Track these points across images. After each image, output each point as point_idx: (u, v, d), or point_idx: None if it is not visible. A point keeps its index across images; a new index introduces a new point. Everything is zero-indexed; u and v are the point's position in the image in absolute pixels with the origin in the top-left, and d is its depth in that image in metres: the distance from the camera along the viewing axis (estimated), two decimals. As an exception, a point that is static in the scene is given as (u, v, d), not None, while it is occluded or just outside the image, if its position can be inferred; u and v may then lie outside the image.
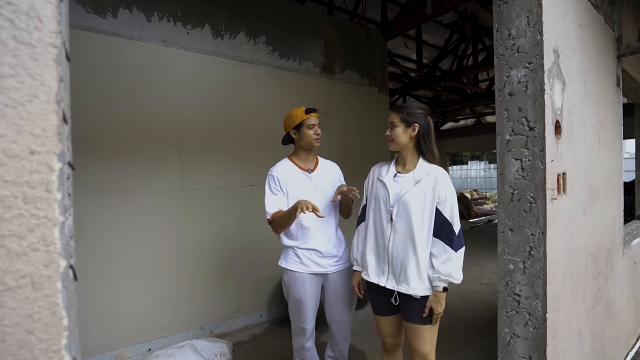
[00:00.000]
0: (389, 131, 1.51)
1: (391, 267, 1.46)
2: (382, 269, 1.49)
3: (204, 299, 2.53)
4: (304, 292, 1.70)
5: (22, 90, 0.38)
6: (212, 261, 2.59)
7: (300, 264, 1.70)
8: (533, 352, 1.43)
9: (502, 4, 1.46)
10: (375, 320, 1.61)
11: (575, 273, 1.62)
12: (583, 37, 1.69)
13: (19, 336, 0.38)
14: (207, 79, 2.51)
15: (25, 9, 0.38)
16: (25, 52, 0.38)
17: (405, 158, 1.51)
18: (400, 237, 1.43)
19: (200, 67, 2.47)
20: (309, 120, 1.70)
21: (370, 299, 1.61)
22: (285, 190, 1.70)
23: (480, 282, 3.78)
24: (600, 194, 1.91)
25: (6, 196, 0.37)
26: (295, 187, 1.70)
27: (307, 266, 1.69)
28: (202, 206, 2.53)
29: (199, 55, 2.46)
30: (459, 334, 2.57)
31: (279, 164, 1.78)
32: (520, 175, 1.44)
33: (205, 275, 2.55)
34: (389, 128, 1.51)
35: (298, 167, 1.75)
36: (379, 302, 1.55)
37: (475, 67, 5.15)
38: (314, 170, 1.77)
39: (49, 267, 0.39)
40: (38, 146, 0.39)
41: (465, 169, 19.07)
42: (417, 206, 1.41)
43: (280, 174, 1.71)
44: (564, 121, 1.50)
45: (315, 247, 1.70)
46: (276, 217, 1.66)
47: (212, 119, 2.54)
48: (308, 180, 1.73)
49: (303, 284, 1.69)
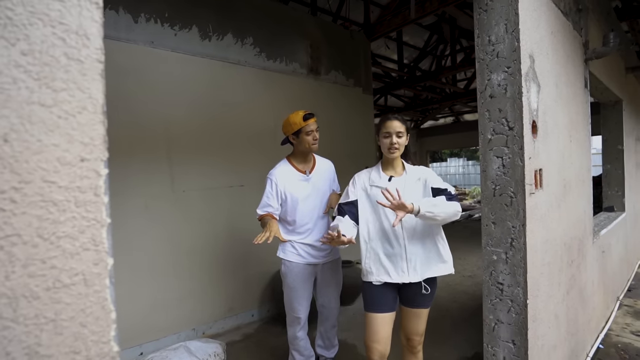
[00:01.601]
0: (395, 139, 1.53)
1: (410, 262, 1.54)
2: (400, 268, 1.54)
3: (195, 300, 2.53)
4: (299, 281, 1.87)
5: (72, 102, 0.41)
6: (203, 262, 2.59)
7: (297, 255, 1.87)
8: (516, 336, 1.53)
9: (482, 11, 1.56)
10: (368, 322, 1.56)
11: (552, 262, 1.75)
12: (555, 43, 1.81)
13: (74, 329, 0.41)
14: (195, 80, 2.50)
15: (75, 28, 0.41)
16: (75, 67, 0.41)
17: (395, 163, 1.62)
18: (415, 233, 1.56)
19: (188, 68, 2.46)
20: (307, 127, 1.80)
21: (369, 298, 1.58)
22: (283, 192, 1.84)
23: (463, 275, 3.94)
24: (572, 188, 2.06)
25: (61, 200, 0.40)
26: (293, 189, 1.84)
27: (303, 257, 1.87)
28: (193, 207, 2.53)
29: (187, 56, 2.45)
30: (447, 324, 2.69)
31: (278, 166, 1.89)
32: (502, 171, 1.54)
33: (196, 277, 2.55)
34: (395, 136, 1.53)
35: (296, 170, 1.87)
36: (380, 299, 1.56)
37: (453, 68, 5.33)
38: (312, 172, 1.90)
39: (99, 265, 0.43)
40: (87, 154, 0.42)
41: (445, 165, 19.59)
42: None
43: (279, 178, 1.84)
44: (540, 121, 1.61)
45: (311, 242, 1.86)
46: (263, 219, 1.86)
47: (200, 120, 2.53)
48: (305, 183, 1.87)
49: (298, 273, 1.87)
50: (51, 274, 0.39)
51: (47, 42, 0.39)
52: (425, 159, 12.21)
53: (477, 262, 4.40)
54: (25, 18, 0.38)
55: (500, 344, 1.58)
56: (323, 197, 1.90)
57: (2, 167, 0.37)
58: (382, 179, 1.58)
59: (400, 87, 6.27)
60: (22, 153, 0.38)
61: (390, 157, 1.57)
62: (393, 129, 1.54)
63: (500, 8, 1.48)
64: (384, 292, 1.57)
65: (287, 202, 1.83)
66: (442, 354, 2.27)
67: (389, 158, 1.58)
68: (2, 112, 0.37)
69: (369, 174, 1.64)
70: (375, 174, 1.62)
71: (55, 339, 0.40)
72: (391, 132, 1.54)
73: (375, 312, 1.56)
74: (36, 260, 0.39)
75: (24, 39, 0.38)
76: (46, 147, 0.39)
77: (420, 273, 1.55)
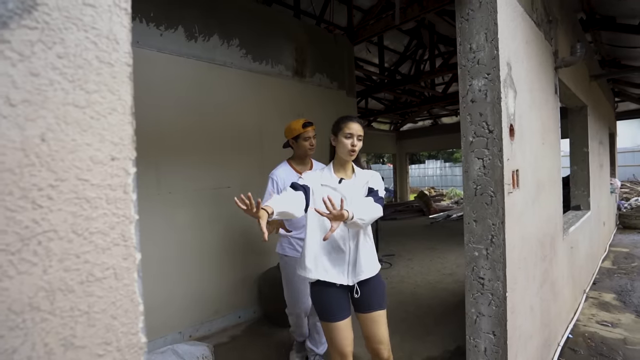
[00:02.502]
0: (356, 142, 1.51)
1: (350, 264, 1.50)
2: (342, 269, 1.49)
3: (182, 303, 2.50)
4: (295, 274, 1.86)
5: (104, 104, 0.43)
6: (190, 264, 2.56)
7: (293, 250, 2.00)
8: (496, 327, 1.63)
9: (464, 21, 1.65)
10: (334, 332, 1.47)
11: (528, 257, 1.86)
12: (529, 52, 1.94)
13: (106, 321, 0.43)
14: (181, 80, 2.48)
15: (106, 33, 0.43)
16: (106, 70, 0.43)
17: (347, 165, 1.58)
18: (354, 234, 1.51)
19: (174, 69, 2.43)
20: (306, 134, 2.00)
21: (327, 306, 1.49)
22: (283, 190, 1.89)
23: (443, 273, 4.08)
24: (545, 188, 2.19)
25: (93, 198, 0.42)
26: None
27: (298, 252, 1.97)
28: (179, 209, 2.49)
29: (173, 57, 2.42)
30: (429, 320, 2.79)
31: (279, 167, 2.06)
32: (482, 172, 1.64)
33: (182, 279, 2.51)
34: (356, 139, 1.51)
35: (295, 171, 2.03)
36: (339, 304, 1.49)
37: (432, 72, 5.51)
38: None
39: (128, 259, 0.45)
40: (117, 153, 0.44)
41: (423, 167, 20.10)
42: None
43: (279, 177, 2.00)
44: (516, 125, 1.72)
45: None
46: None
47: (186, 121, 2.51)
48: None
49: (294, 267, 1.89)
50: (85, 268, 0.41)
51: (81, 46, 0.41)
52: (404, 161, 12.49)
53: (455, 261, 4.57)
54: (61, 22, 0.40)
55: (481, 336, 1.67)
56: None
57: (39, 166, 0.38)
58: (332, 180, 1.54)
59: (381, 90, 6.40)
60: (58, 152, 0.39)
61: (348, 158, 1.54)
62: (355, 131, 1.51)
63: (481, 18, 1.58)
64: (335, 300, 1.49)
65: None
66: (425, 348, 2.35)
67: (344, 160, 1.55)
68: (40, 112, 0.38)
69: (321, 173, 1.59)
70: (327, 173, 1.57)
71: (89, 330, 0.41)
72: (354, 133, 1.50)
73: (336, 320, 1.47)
74: (71, 255, 0.40)
75: (60, 43, 0.40)
76: (80, 146, 0.41)
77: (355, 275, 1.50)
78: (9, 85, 0.36)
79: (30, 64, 0.38)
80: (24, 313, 0.37)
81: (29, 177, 0.37)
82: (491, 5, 1.53)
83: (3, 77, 0.36)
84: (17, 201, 0.37)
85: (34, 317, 0.38)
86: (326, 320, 1.49)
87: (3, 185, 0.36)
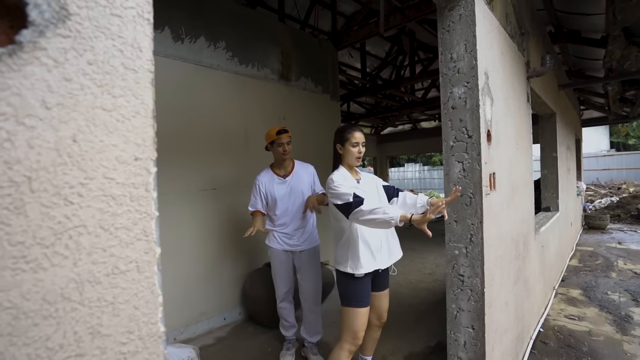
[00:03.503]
0: (362, 149, 1.74)
1: (386, 247, 1.75)
2: (380, 254, 1.70)
3: (167, 305, 2.44)
4: (279, 263, 2.28)
5: (128, 107, 0.46)
6: (175, 267, 2.53)
7: (277, 243, 2.26)
8: (474, 321, 1.72)
9: (446, 32, 1.74)
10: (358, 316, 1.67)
11: (503, 255, 1.98)
12: (504, 62, 2.07)
13: (129, 311, 0.45)
14: (167, 82, 2.45)
15: (131, 41, 0.46)
16: (131, 76, 0.46)
17: (354, 170, 1.82)
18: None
19: (160, 70, 2.40)
20: (279, 140, 2.18)
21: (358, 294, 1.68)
22: (265, 193, 2.24)
23: (423, 273, 4.21)
24: (519, 190, 2.33)
25: (118, 195, 0.45)
26: (272, 190, 2.24)
27: (281, 245, 2.25)
28: (164, 211, 2.46)
29: (159, 58, 2.40)
30: (410, 318, 2.88)
31: (262, 172, 2.31)
32: (462, 175, 1.73)
33: (168, 282, 2.48)
34: (360, 146, 1.73)
35: (275, 174, 2.27)
36: (367, 292, 1.71)
37: (412, 78, 5.67)
38: (289, 175, 2.26)
39: (149, 253, 0.48)
40: (140, 153, 0.47)
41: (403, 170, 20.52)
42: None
43: (262, 182, 2.26)
44: (493, 130, 1.83)
45: (288, 232, 2.25)
46: (253, 214, 2.25)
47: (172, 123, 2.48)
48: (283, 185, 2.24)
49: (278, 257, 2.27)
50: (110, 261, 0.44)
51: (109, 53, 0.44)
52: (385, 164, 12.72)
53: (435, 261, 4.72)
54: (91, 31, 0.43)
55: (461, 330, 1.76)
56: (302, 196, 2.25)
57: (71, 165, 0.41)
58: (353, 181, 1.74)
59: (363, 94, 6.52)
60: (88, 152, 0.42)
61: (356, 164, 1.76)
62: (360, 139, 1.73)
63: (461, 30, 1.68)
64: (364, 286, 1.70)
65: (269, 200, 2.25)
66: (408, 345, 2.43)
67: (352, 165, 1.77)
68: (72, 115, 0.41)
69: (342, 176, 1.73)
70: (347, 176, 1.75)
71: (114, 320, 0.44)
72: (359, 142, 1.72)
73: (364, 306, 1.70)
74: (98, 249, 0.43)
75: (90, 50, 0.42)
76: (107, 147, 0.44)
77: (392, 258, 1.79)
78: (45, 89, 0.39)
79: (64, 70, 0.40)
80: (56, 303, 0.40)
81: (61, 175, 0.40)
82: (470, 19, 1.63)
83: (40, 82, 0.39)
84: (51, 198, 0.39)
85: (65, 306, 0.40)
86: (354, 306, 1.68)
87: (38, 183, 0.38)
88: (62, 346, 0.40)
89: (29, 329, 0.37)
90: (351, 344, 1.69)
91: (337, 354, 1.71)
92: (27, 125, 0.38)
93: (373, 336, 1.94)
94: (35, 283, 0.38)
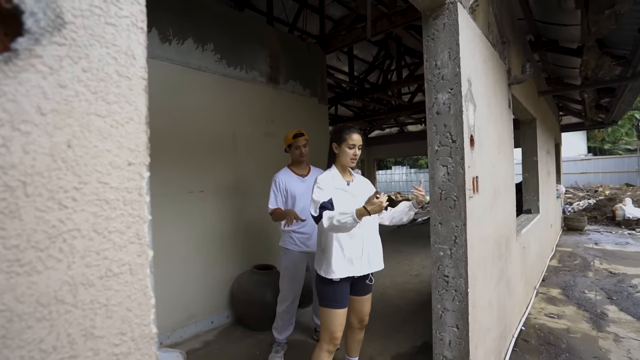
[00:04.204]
0: (357, 152, 1.76)
1: (366, 256, 1.75)
2: (359, 261, 1.72)
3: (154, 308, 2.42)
4: (293, 265, 2.30)
5: (122, 113, 0.47)
6: (162, 270, 2.49)
7: (294, 244, 2.30)
8: (459, 321, 1.76)
9: (430, 40, 1.80)
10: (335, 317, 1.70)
11: (486, 256, 2.04)
12: (486, 70, 2.14)
13: (122, 313, 0.46)
14: (154, 83, 2.42)
15: (125, 49, 0.47)
16: (124, 83, 0.47)
17: (347, 171, 1.84)
18: (368, 229, 1.77)
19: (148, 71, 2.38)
20: (296, 143, 2.32)
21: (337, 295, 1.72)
22: (284, 189, 2.31)
23: (409, 274, 4.27)
24: (501, 193, 2.41)
25: (112, 199, 0.46)
26: (291, 187, 2.31)
27: (298, 245, 2.29)
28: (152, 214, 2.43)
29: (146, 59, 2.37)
30: (397, 319, 2.92)
31: (281, 171, 2.38)
32: (447, 178, 1.78)
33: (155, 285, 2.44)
34: (357, 149, 1.75)
35: (294, 173, 2.37)
36: (345, 294, 1.75)
37: (399, 82, 5.76)
38: (307, 176, 2.37)
39: (141, 256, 0.49)
40: (133, 159, 0.48)
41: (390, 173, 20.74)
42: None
43: (281, 179, 2.32)
44: (476, 135, 1.89)
45: (305, 231, 2.29)
46: (275, 212, 2.25)
47: (159, 124, 2.46)
48: (301, 183, 2.32)
49: (294, 259, 2.30)
50: (104, 264, 0.45)
51: (103, 61, 0.45)
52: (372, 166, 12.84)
53: (421, 262, 4.79)
54: (86, 40, 0.44)
55: (446, 329, 1.81)
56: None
57: (65, 170, 0.42)
58: (342, 183, 1.78)
59: (351, 97, 6.58)
60: (82, 157, 0.43)
61: (350, 165, 1.78)
62: (357, 141, 1.75)
63: (445, 38, 1.73)
64: (344, 290, 1.74)
65: (288, 197, 2.30)
66: (395, 345, 2.47)
67: (346, 166, 1.79)
68: (66, 121, 0.42)
69: (331, 176, 1.77)
70: (337, 177, 1.78)
71: (107, 322, 0.45)
72: (356, 143, 1.74)
73: (341, 307, 1.72)
74: (92, 252, 0.44)
75: (85, 58, 0.43)
76: (101, 152, 0.45)
77: (369, 264, 1.78)
78: (40, 96, 0.40)
79: (59, 77, 0.41)
80: (50, 305, 0.40)
81: (56, 180, 0.41)
82: (454, 27, 1.69)
83: (35, 88, 0.39)
84: (46, 202, 0.40)
85: (58, 309, 0.41)
86: (332, 307, 1.70)
87: (33, 188, 0.39)
88: (55, 348, 0.40)
89: (22, 332, 0.38)
90: (329, 343, 1.72)
91: (317, 354, 1.74)
92: (23, 131, 0.38)
93: (357, 338, 1.96)
94: (29, 286, 0.38)
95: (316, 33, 4.69)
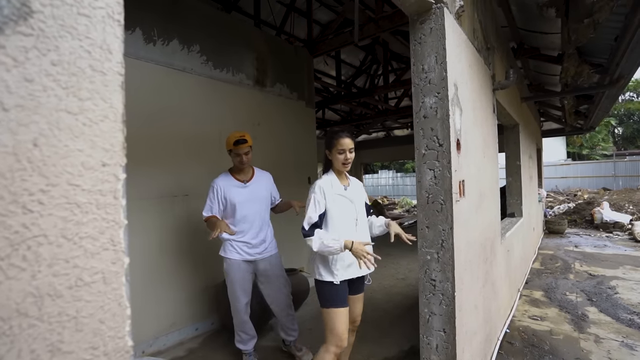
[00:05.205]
0: (349, 156, 1.77)
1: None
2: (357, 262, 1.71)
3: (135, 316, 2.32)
4: (238, 274, 2.18)
5: (96, 111, 0.44)
6: (144, 276, 2.41)
7: (236, 252, 2.17)
8: (446, 325, 1.76)
9: (417, 44, 1.81)
10: (339, 317, 1.71)
11: (472, 259, 2.05)
12: (472, 74, 2.17)
13: (93, 325, 0.43)
14: (138, 85, 2.36)
15: (99, 43, 0.44)
16: (99, 78, 0.44)
17: (344, 174, 1.85)
18: (362, 231, 1.83)
19: (130, 72, 2.31)
20: (236, 150, 2.13)
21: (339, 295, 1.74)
22: (223, 197, 2.17)
23: (396, 278, 4.28)
24: (486, 197, 2.44)
25: (84, 203, 0.42)
26: (231, 195, 2.17)
27: (240, 254, 2.17)
28: (134, 218, 2.35)
29: (130, 59, 2.30)
30: (384, 323, 2.91)
31: (220, 176, 2.23)
32: (434, 182, 1.79)
33: (136, 292, 2.36)
34: (348, 153, 1.76)
35: (235, 179, 2.22)
36: (345, 293, 1.77)
37: (386, 87, 5.82)
38: (250, 181, 2.23)
39: (116, 264, 0.45)
40: (108, 159, 0.45)
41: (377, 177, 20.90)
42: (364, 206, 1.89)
43: (219, 185, 2.18)
44: (462, 139, 1.91)
45: (247, 240, 2.15)
46: (208, 220, 2.15)
47: (143, 127, 2.39)
48: (244, 190, 2.20)
49: (237, 268, 2.17)
50: (74, 272, 0.41)
51: (75, 54, 0.42)
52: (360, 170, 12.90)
53: (408, 266, 4.81)
54: (56, 31, 0.40)
55: (433, 333, 1.80)
56: (262, 203, 2.26)
57: (31, 170, 0.38)
58: (340, 188, 1.80)
59: (338, 101, 6.61)
60: (50, 157, 0.40)
61: (344, 170, 1.80)
62: (347, 145, 1.76)
63: (432, 42, 1.75)
64: (343, 290, 1.77)
65: (227, 205, 2.17)
66: (383, 349, 2.46)
67: (340, 170, 1.80)
68: (33, 117, 0.39)
69: (330, 182, 1.79)
70: (335, 182, 1.80)
71: (76, 335, 0.41)
72: (345, 148, 1.75)
73: (342, 306, 1.74)
74: (60, 260, 0.40)
75: (54, 50, 0.40)
76: (72, 152, 0.41)
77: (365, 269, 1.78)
78: (2, 90, 0.37)
79: (25, 70, 0.38)
80: (11, 320, 0.37)
81: (20, 181, 0.38)
82: (440, 32, 1.71)
83: (-3, 81, 0.36)
84: (8, 206, 0.37)
85: (21, 323, 0.37)
86: (335, 307, 1.71)
87: (-7, 190, 0.36)
88: (16, 366, 0.37)
89: (-22, 349, 0.34)
90: (337, 346, 1.71)
91: (322, 356, 1.72)
92: (-18, 128, 0.35)
93: (348, 340, 1.94)
94: (-14, 298, 0.35)
95: (304, 37, 4.69)
